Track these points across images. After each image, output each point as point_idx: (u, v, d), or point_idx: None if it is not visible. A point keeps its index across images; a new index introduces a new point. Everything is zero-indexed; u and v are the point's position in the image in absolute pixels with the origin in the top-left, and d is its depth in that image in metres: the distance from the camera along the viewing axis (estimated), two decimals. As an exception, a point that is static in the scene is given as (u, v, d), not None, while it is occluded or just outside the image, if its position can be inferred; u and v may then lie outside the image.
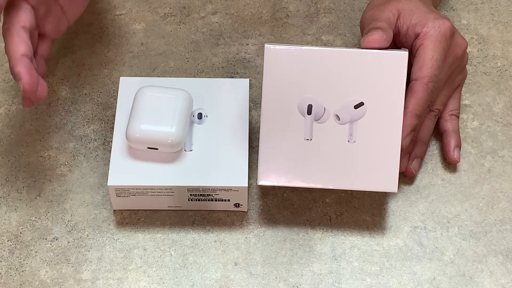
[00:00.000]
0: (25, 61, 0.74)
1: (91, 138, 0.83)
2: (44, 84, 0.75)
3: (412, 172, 0.80)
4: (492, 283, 0.75)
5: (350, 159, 0.73)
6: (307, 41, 0.89)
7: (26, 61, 0.74)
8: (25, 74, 0.73)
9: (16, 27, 0.75)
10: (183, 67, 0.88)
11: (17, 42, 0.75)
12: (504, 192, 0.80)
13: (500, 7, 0.92)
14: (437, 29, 0.77)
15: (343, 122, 0.73)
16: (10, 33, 0.75)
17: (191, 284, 0.75)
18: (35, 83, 0.74)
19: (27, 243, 0.77)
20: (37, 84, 0.74)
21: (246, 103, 0.80)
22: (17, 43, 0.75)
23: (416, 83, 0.76)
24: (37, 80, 0.74)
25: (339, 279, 0.75)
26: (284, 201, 0.80)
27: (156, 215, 0.79)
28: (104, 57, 0.88)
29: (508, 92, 0.86)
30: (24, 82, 0.73)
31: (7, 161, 0.82)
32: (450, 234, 0.78)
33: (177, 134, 0.76)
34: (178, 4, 0.92)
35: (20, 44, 0.75)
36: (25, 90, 0.73)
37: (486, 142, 0.83)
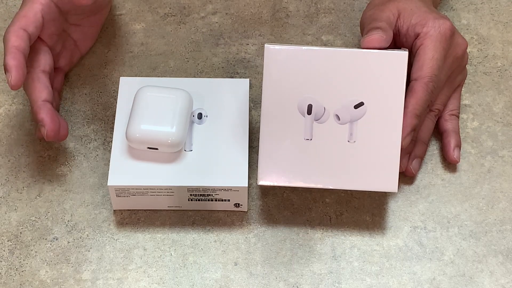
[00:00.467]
0: (48, 107, 0.76)
1: (91, 138, 0.83)
2: (65, 125, 0.78)
3: (412, 172, 0.80)
4: (492, 283, 0.75)
5: (350, 159, 0.73)
6: (307, 41, 0.89)
7: (48, 107, 0.76)
8: (49, 121, 0.76)
9: (37, 71, 0.78)
10: (183, 67, 0.88)
11: (39, 88, 0.77)
12: (504, 192, 0.80)
13: (500, 7, 0.92)
14: (437, 29, 0.77)
15: (343, 122, 0.73)
16: (31, 78, 0.77)
17: (191, 284, 0.75)
18: (58, 128, 0.76)
19: (27, 243, 0.77)
20: (59, 128, 0.77)
21: (246, 103, 0.80)
22: (39, 89, 0.77)
23: (416, 83, 0.76)
24: (59, 125, 0.77)
25: (339, 279, 0.75)
26: (284, 201, 0.80)
27: (156, 215, 0.79)
28: (104, 57, 0.88)
29: (508, 92, 0.86)
30: (48, 129, 0.76)
31: (7, 161, 0.82)
32: (450, 234, 0.78)
33: (177, 134, 0.76)
34: (178, 4, 0.92)
35: (42, 90, 0.77)
36: (49, 136, 0.76)
37: (486, 142, 0.83)
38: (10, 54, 0.74)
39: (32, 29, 0.76)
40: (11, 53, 0.74)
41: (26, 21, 0.76)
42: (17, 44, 0.75)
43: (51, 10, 0.78)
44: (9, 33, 0.75)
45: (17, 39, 0.75)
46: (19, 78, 0.74)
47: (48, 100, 0.77)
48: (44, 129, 0.76)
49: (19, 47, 0.75)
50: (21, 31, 0.76)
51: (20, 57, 0.74)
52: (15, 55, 0.74)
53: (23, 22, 0.76)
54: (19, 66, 0.74)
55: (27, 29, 0.76)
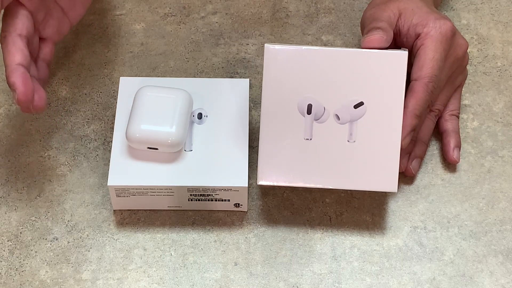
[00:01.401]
0: (20, 71, 0.72)
1: (91, 138, 0.83)
2: (43, 94, 0.74)
3: (412, 172, 0.80)
4: (492, 283, 0.75)
5: (350, 159, 0.73)
6: (307, 41, 0.89)
7: (21, 70, 0.72)
8: (20, 84, 0.72)
9: (12, 35, 0.74)
10: (183, 67, 0.88)
11: (13, 51, 0.73)
12: (504, 192, 0.80)
13: (500, 7, 0.92)
14: (438, 29, 0.77)
15: (343, 122, 0.73)
16: (6, 42, 0.74)
17: (191, 284, 0.75)
18: (30, 93, 0.72)
19: (27, 243, 0.77)
20: (32, 94, 0.72)
21: (246, 103, 0.80)
22: (13, 52, 0.73)
23: (416, 83, 0.76)
24: (32, 90, 0.72)
25: (339, 279, 0.75)
26: (284, 201, 0.80)
27: (156, 215, 0.79)
28: (104, 57, 0.88)
29: (508, 92, 0.86)
30: (19, 93, 0.72)
31: (7, 161, 0.82)
32: (450, 234, 0.78)
33: (177, 134, 0.76)
34: (178, 4, 0.92)
35: (16, 53, 0.73)
36: (19, 100, 0.72)
37: (486, 142, 0.83)
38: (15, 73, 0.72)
39: None
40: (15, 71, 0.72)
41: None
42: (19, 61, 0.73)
43: None
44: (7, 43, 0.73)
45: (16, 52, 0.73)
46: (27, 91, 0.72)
47: (22, 64, 0.73)
48: (15, 94, 0.72)
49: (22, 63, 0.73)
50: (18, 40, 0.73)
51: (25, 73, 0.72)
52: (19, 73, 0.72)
53: None
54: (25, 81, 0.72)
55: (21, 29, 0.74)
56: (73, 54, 0.89)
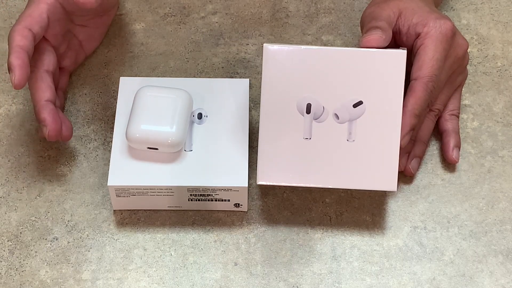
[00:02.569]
0: (50, 107, 0.76)
1: (91, 138, 0.83)
2: (69, 125, 0.78)
3: (411, 172, 0.80)
4: (492, 283, 0.75)
5: (349, 158, 0.73)
6: (307, 41, 0.89)
7: (50, 107, 0.76)
8: (51, 121, 0.76)
9: (40, 71, 0.78)
10: (183, 67, 0.88)
11: (42, 88, 0.77)
12: (504, 192, 0.80)
13: (500, 7, 0.92)
14: (438, 29, 0.77)
15: (342, 121, 0.73)
16: (35, 78, 0.77)
17: (191, 284, 0.75)
18: (60, 128, 0.76)
19: (27, 243, 0.77)
20: (61, 128, 0.77)
21: (246, 103, 0.80)
22: (42, 89, 0.77)
23: (416, 83, 0.76)
24: (61, 125, 0.77)
25: (339, 279, 0.75)
26: (284, 201, 0.80)
27: (156, 215, 0.79)
28: (104, 57, 0.88)
29: (508, 92, 0.86)
30: (50, 129, 0.76)
31: (7, 161, 0.82)
32: (450, 234, 0.78)
33: (177, 134, 0.76)
34: (178, 4, 0.92)
35: (45, 90, 0.77)
36: (50, 136, 0.76)
37: (486, 142, 0.83)
38: (14, 53, 0.74)
39: (37, 28, 0.76)
40: (15, 52, 0.74)
41: (31, 21, 0.76)
42: (21, 44, 0.75)
43: (57, 11, 0.78)
44: (14, 32, 0.75)
45: (21, 38, 0.75)
46: (22, 77, 0.74)
47: (51, 100, 0.77)
48: (46, 129, 0.76)
49: (24, 46, 0.74)
50: (26, 31, 0.75)
51: (24, 56, 0.74)
52: (19, 54, 0.74)
53: (28, 21, 0.76)
54: (23, 66, 0.74)
55: (32, 28, 0.76)
56: (73, 54, 0.89)
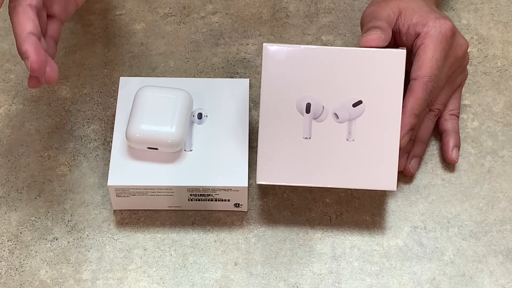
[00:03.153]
0: (32, 39, 0.71)
1: (91, 138, 0.83)
2: (54, 65, 0.73)
3: (411, 171, 0.80)
4: (492, 283, 0.75)
5: (349, 158, 0.73)
6: (307, 41, 0.89)
7: (33, 39, 0.71)
8: (33, 52, 0.70)
9: (22, 5, 0.73)
10: (183, 67, 0.88)
11: (24, 20, 0.72)
12: (504, 192, 0.80)
13: (500, 7, 0.92)
14: (438, 29, 0.77)
15: (342, 121, 0.73)
16: (16, 12, 0.73)
17: (191, 284, 0.75)
18: (43, 61, 0.71)
19: (27, 243, 0.77)
20: (45, 62, 0.71)
21: (246, 103, 0.80)
22: (24, 21, 0.72)
23: (415, 83, 0.76)
24: (45, 59, 0.71)
25: (339, 279, 0.75)
26: (284, 201, 0.79)
27: (156, 215, 0.79)
28: (104, 57, 0.88)
29: (508, 92, 0.86)
30: (32, 60, 0.70)
31: (7, 161, 0.82)
32: (450, 234, 0.78)
33: (177, 134, 0.76)
34: (178, 4, 0.92)
35: (27, 22, 0.72)
36: (32, 69, 0.71)
37: (486, 142, 0.83)
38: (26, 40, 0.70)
39: None
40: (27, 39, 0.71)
41: None
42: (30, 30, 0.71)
43: None
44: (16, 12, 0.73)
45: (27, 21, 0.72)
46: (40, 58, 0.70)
47: (34, 33, 0.72)
48: (28, 61, 0.70)
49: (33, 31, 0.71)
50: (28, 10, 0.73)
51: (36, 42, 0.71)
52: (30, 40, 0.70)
53: None
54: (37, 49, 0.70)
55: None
56: (73, 54, 0.89)
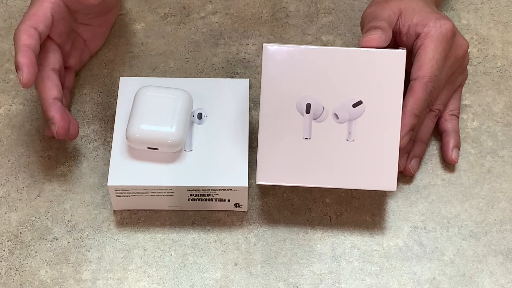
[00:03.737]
0: (58, 105, 0.76)
1: (91, 138, 0.83)
2: (76, 124, 0.78)
3: (411, 171, 0.80)
4: (492, 283, 0.75)
5: (349, 158, 0.73)
6: (307, 41, 0.89)
7: (58, 105, 0.76)
8: (59, 119, 0.76)
9: (46, 69, 0.78)
10: (183, 67, 0.88)
11: (49, 86, 0.77)
12: (504, 192, 0.80)
13: (500, 7, 0.92)
14: (438, 29, 0.77)
15: (342, 121, 0.73)
16: (41, 77, 0.77)
17: (191, 284, 0.75)
18: (68, 126, 0.76)
19: (27, 243, 0.77)
20: (69, 126, 0.77)
21: (246, 103, 0.80)
22: (49, 87, 0.77)
23: (415, 83, 0.76)
24: (69, 123, 0.77)
25: (339, 279, 0.75)
26: (284, 201, 0.80)
27: (156, 215, 0.79)
28: (104, 57, 0.88)
29: (508, 92, 0.86)
30: (58, 127, 0.76)
31: (7, 161, 0.82)
32: (450, 234, 0.78)
33: (177, 134, 0.76)
34: (178, 4, 0.92)
35: (52, 88, 0.77)
36: (58, 134, 0.76)
37: (486, 142, 0.83)
38: (21, 52, 0.74)
39: (42, 27, 0.76)
40: (22, 51, 0.74)
41: (36, 19, 0.76)
42: (28, 43, 0.75)
43: (61, 9, 0.79)
44: (19, 31, 0.75)
45: (27, 37, 0.75)
46: (30, 76, 0.74)
47: (58, 98, 0.77)
48: (54, 127, 0.76)
49: (30, 45, 0.75)
50: (31, 30, 0.76)
51: (31, 55, 0.74)
52: (26, 53, 0.74)
53: (33, 20, 0.76)
54: (31, 64, 0.74)
55: (37, 27, 0.76)
56: (73, 54, 0.89)
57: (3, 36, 0.90)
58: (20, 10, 0.91)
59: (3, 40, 0.90)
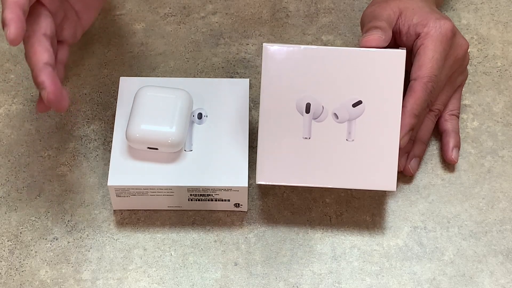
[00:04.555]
0: (49, 70, 0.73)
1: (91, 138, 0.83)
2: (66, 94, 0.74)
3: (411, 171, 0.80)
4: (492, 283, 0.75)
5: (349, 158, 0.73)
6: (307, 41, 0.89)
7: (49, 69, 0.73)
8: (50, 83, 0.72)
9: (37, 34, 0.74)
10: (183, 67, 0.88)
11: (40, 51, 0.74)
12: (504, 192, 0.80)
13: (500, 7, 0.92)
14: (438, 29, 0.77)
15: (342, 121, 0.73)
16: (31, 41, 0.74)
17: (191, 284, 0.75)
18: (59, 92, 0.72)
19: (27, 243, 0.77)
20: (61, 92, 0.73)
21: (246, 103, 0.80)
22: (40, 51, 0.73)
23: (415, 83, 0.76)
24: (61, 89, 0.73)
25: (339, 279, 0.75)
26: (284, 201, 0.80)
27: (156, 215, 0.79)
28: (104, 57, 0.88)
29: (508, 92, 0.86)
30: (49, 92, 0.72)
31: (7, 161, 0.82)
32: (450, 234, 0.78)
33: (177, 134, 0.76)
34: (178, 4, 0.93)
35: (43, 53, 0.73)
36: (49, 99, 0.72)
37: (486, 142, 0.83)
38: (9, 8, 0.71)
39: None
40: (10, 8, 0.71)
41: None
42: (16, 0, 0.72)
43: None
44: None
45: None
46: (18, 32, 0.70)
47: (49, 63, 0.73)
48: (45, 92, 0.72)
49: (18, 2, 0.71)
50: None
51: (19, 11, 0.71)
52: (13, 10, 0.71)
53: None
54: (18, 20, 0.71)
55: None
56: (73, 54, 0.89)
57: (3, 36, 0.90)
58: (20, 10, 0.91)
59: (3, 40, 0.90)
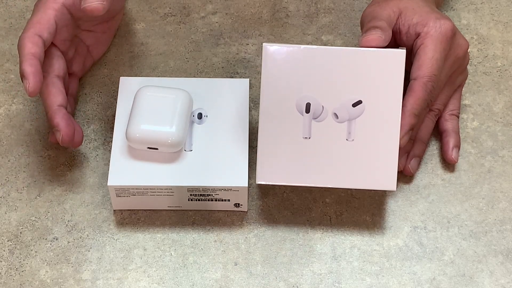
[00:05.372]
0: (63, 112, 0.76)
1: (91, 138, 0.83)
2: (80, 131, 0.78)
3: (411, 171, 0.80)
4: (492, 283, 0.75)
5: (349, 158, 0.73)
6: (307, 41, 0.89)
7: (63, 111, 0.76)
8: (64, 126, 0.76)
9: (51, 76, 0.78)
10: (183, 67, 0.88)
11: (53, 93, 0.77)
12: (504, 192, 0.80)
13: (500, 7, 0.92)
14: (438, 29, 0.77)
15: (342, 121, 0.73)
16: (45, 83, 0.77)
17: (191, 284, 0.75)
18: (72, 133, 0.76)
19: (27, 243, 0.77)
20: (74, 133, 0.77)
21: (246, 103, 0.80)
22: (54, 93, 0.77)
23: (415, 83, 0.76)
24: (74, 130, 0.77)
25: (339, 279, 0.75)
26: (284, 201, 0.80)
27: (156, 215, 0.79)
28: (104, 57, 0.88)
29: (508, 92, 0.86)
30: (63, 134, 0.76)
31: (7, 161, 0.82)
32: (450, 234, 0.78)
33: (177, 134, 0.76)
34: (178, 4, 0.93)
35: (56, 95, 0.77)
36: (63, 141, 0.76)
37: (486, 142, 0.83)
38: (27, 60, 0.74)
39: (46, 35, 0.76)
40: (28, 60, 0.74)
41: (40, 27, 0.76)
42: (33, 51, 0.74)
43: (64, 16, 0.78)
44: (24, 39, 0.75)
45: (32, 45, 0.75)
46: (36, 84, 0.73)
47: (63, 105, 0.77)
48: (59, 134, 0.76)
49: (35, 53, 0.74)
50: (36, 37, 0.75)
51: (37, 63, 0.74)
52: (31, 62, 0.74)
53: (38, 28, 0.76)
54: (36, 73, 0.74)
55: (41, 35, 0.76)
56: (73, 54, 0.89)
57: (3, 36, 0.90)
58: (20, 10, 0.92)
59: (3, 40, 0.90)
